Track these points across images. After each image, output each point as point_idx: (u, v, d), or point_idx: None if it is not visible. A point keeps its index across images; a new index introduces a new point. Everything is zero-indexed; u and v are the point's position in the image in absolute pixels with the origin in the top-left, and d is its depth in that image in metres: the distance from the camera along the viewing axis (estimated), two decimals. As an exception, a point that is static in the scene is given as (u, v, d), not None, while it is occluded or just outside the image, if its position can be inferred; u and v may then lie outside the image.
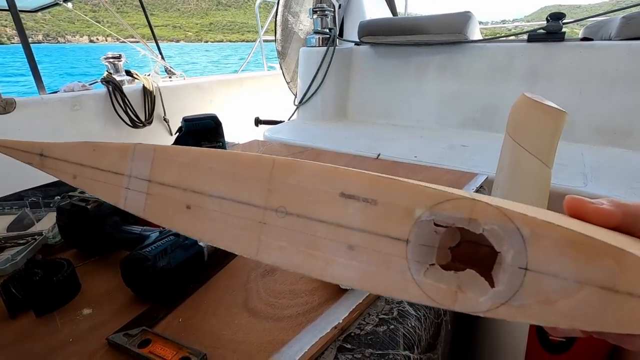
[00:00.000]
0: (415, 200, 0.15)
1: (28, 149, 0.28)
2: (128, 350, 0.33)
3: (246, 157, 0.19)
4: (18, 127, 1.26)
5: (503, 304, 0.14)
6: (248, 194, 0.19)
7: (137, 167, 0.23)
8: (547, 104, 0.40)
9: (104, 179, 0.24)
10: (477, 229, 0.14)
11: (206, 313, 0.38)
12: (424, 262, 0.15)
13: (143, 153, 0.22)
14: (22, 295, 0.39)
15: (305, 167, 0.17)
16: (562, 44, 1.10)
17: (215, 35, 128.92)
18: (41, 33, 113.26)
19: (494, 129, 1.21)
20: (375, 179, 0.16)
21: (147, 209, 0.23)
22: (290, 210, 0.18)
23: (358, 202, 0.16)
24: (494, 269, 0.14)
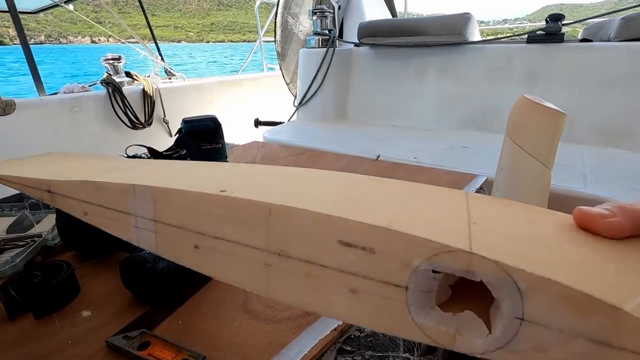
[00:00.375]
0: (413, 252, 0.15)
1: (36, 186, 0.29)
2: (127, 352, 0.33)
3: (242, 202, 0.19)
4: (18, 129, 1.26)
5: (499, 349, 0.14)
6: (250, 238, 0.19)
7: (140, 207, 0.23)
8: (546, 105, 0.40)
9: (113, 216, 0.25)
10: (475, 278, 0.14)
11: (206, 315, 0.38)
12: (423, 306, 0.16)
13: (143, 194, 0.23)
14: (21, 298, 0.39)
15: (301, 215, 0.17)
16: (562, 45, 1.10)
17: (216, 35, 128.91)
18: (43, 34, 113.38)
19: (493, 130, 1.21)
20: (372, 229, 0.16)
21: (159, 247, 0.23)
22: (292, 254, 0.18)
23: (357, 249, 0.16)
24: (491, 313, 0.15)
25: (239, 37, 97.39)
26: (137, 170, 0.29)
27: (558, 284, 0.13)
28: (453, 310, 0.15)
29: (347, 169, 0.81)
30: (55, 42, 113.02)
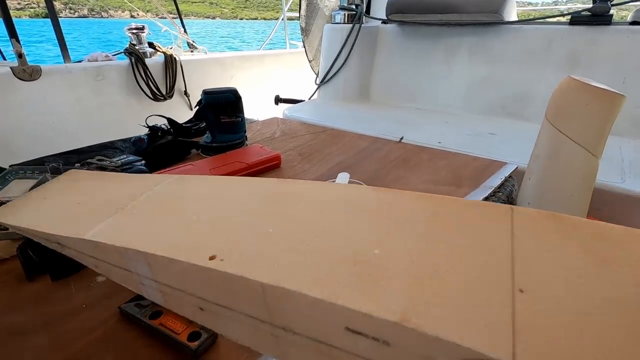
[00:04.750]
0: (435, 352, 0.12)
1: (47, 238, 0.29)
2: (139, 320, 0.33)
3: (232, 277, 0.17)
4: (43, 95, 1.28)
5: None
6: (250, 309, 0.17)
7: (139, 268, 0.22)
8: (599, 86, 0.36)
9: (120, 272, 0.24)
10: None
11: (219, 289, 0.38)
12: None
13: (137, 257, 0.21)
14: (38, 259, 0.39)
15: (298, 299, 0.15)
16: (608, 28, 1.02)
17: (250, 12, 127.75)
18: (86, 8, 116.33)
19: (524, 117, 1.15)
20: (383, 323, 0.13)
21: (167, 304, 0.22)
22: (298, 332, 0.16)
23: (367, 339, 0.14)
24: None
25: (272, 15, 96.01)
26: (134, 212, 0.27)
27: None
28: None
29: (369, 150, 0.79)
30: (97, 15, 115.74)
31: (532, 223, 0.16)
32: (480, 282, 0.14)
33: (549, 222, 0.16)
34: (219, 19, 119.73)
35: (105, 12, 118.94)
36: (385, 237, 0.17)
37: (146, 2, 2.33)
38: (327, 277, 0.15)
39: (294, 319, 0.16)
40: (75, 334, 0.32)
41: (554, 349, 0.11)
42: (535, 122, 0.38)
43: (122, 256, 0.22)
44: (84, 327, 0.33)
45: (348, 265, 0.16)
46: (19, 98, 1.22)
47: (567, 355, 0.11)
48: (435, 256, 0.15)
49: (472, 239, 0.16)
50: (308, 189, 0.23)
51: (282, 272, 0.16)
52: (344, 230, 0.18)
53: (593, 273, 0.13)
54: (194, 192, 0.28)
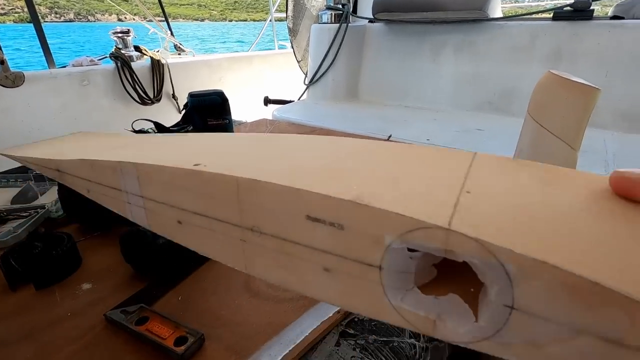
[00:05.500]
0: (383, 227, 0.13)
1: (48, 165, 0.31)
2: (125, 327, 0.32)
3: (211, 177, 0.18)
4: (27, 101, 1.26)
5: (485, 339, 0.12)
6: (223, 213, 0.18)
7: (128, 184, 0.23)
8: (576, 80, 0.36)
9: (109, 193, 0.25)
10: (457, 258, 0.12)
11: (206, 292, 0.37)
12: (401, 287, 0.14)
13: (128, 171, 0.23)
14: (21, 268, 0.39)
15: (267, 189, 0.16)
16: (590, 23, 1.03)
17: (239, 14, 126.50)
18: (72, 12, 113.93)
19: (511, 113, 1.16)
20: (339, 203, 0.14)
21: (149, 222, 0.23)
22: (264, 230, 0.17)
23: (325, 225, 0.15)
24: (479, 299, 0.13)
25: (261, 16, 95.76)
26: (130, 146, 0.30)
27: (555, 268, 0.10)
28: (438, 293, 0.13)
29: (357, 149, 0.79)
30: (84, 20, 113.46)
31: (491, 158, 0.18)
32: (433, 185, 0.15)
33: (507, 160, 0.17)
34: (207, 21, 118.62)
35: (92, 16, 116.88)
36: (359, 163, 0.18)
37: (133, 6, 2.30)
38: (296, 175, 0.16)
39: (262, 214, 0.17)
40: (60, 342, 0.32)
41: (487, 222, 0.12)
42: (522, 117, 0.39)
43: (115, 172, 0.23)
44: (69, 335, 0.33)
45: (317, 171, 0.17)
46: (1, 105, 1.20)
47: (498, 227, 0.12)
48: (397, 171, 0.17)
49: (434, 163, 0.18)
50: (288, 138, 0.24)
51: (257, 171, 0.17)
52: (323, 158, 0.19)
53: (535, 187, 0.15)
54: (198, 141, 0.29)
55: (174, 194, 0.20)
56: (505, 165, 0.17)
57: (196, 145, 0.25)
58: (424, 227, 0.12)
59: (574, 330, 0.11)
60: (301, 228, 0.15)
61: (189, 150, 0.24)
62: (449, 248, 0.12)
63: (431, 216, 0.12)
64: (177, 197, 0.20)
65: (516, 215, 0.13)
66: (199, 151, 0.23)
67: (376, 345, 0.31)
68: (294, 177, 0.16)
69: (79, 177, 0.27)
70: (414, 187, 0.15)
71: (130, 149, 0.28)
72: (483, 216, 0.13)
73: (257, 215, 0.17)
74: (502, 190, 0.14)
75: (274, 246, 0.17)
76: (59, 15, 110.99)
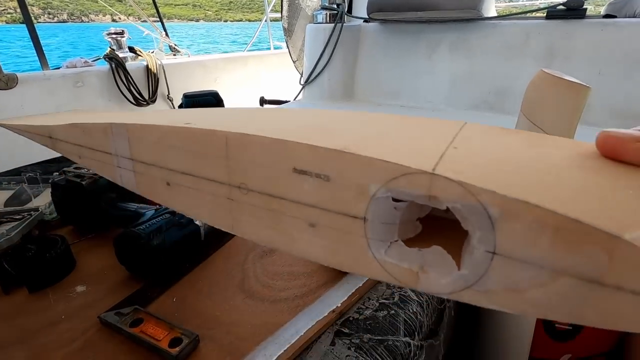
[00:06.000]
0: (368, 176, 0.13)
1: (40, 132, 0.30)
2: (119, 329, 0.32)
3: (201, 133, 0.18)
4: (20, 103, 1.25)
5: (467, 288, 0.12)
6: (211, 171, 0.18)
7: (119, 146, 0.23)
8: (568, 79, 0.37)
9: (100, 158, 0.25)
10: (440, 205, 0.12)
11: (201, 293, 0.37)
12: (385, 239, 0.14)
13: (119, 132, 0.23)
14: (15, 271, 0.38)
15: (256, 142, 0.16)
16: (583, 22, 1.04)
17: (234, 14, 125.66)
18: (66, 12, 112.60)
19: (506, 111, 1.17)
20: (324, 152, 0.14)
21: (138, 186, 0.23)
22: (251, 187, 0.17)
23: (311, 177, 0.15)
24: (463, 248, 0.13)
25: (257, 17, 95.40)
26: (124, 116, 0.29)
27: (537, 207, 0.10)
28: (422, 246, 0.13)
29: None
30: (77, 20, 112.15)
31: (482, 126, 0.18)
32: (421, 141, 0.15)
33: (497, 127, 0.18)
34: (202, 21, 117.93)
35: (86, 17, 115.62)
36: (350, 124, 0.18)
37: (127, 6, 2.29)
38: (285, 131, 0.16)
39: (250, 170, 0.17)
40: (54, 345, 0.32)
41: (471, 168, 0.12)
42: (517, 115, 0.39)
43: (106, 135, 0.23)
44: (63, 338, 0.33)
45: (307, 129, 0.17)
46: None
47: (482, 172, 0.12)
48: (387, 130, 0.17)
49: (425, 126, 0.18)
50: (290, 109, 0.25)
51: (246, 128, 0.17)
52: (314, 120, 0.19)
53: (523, 147, 0.15)
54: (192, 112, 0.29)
55: (164, 154, 0.20)
56: (495, 130, 0.17)
57: (189, 113, 0.26)
58: (408, 173, 0.12)
59: (555, 272, 0.11)
60: (288, 182, 0.15)
61: (182, 115, 0.24)
62: (432, 194, 0.12)
63: (416, 163, 0.12)
64: (167, 157, 0.20)
65: (501, 165, 0.13)
66: (192, 116, 0.23)
67: (371, 344, 0.32)
68: (283, 133, 0.16)
69: (71, 143, 0.27)
70: (402, 141, 0.15)
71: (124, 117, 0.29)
72: (467, 164, 0.13)
73: (244, 171, 0.17)
74: (489, 147, 0.15)
75: (261, 203, 0.17)
76: (52, 15, 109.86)
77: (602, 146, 0.14)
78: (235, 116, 0.22)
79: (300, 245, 0.16)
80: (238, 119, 0.21)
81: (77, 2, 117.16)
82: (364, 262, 0.14)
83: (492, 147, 0.15)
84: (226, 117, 0.23)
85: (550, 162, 0.13)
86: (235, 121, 0.20)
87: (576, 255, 0.10)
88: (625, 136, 0.13)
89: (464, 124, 0.18)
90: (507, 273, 0.11)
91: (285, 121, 0.20)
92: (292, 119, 0.20)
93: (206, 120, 0.20)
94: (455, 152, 0.14)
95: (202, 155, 0.18)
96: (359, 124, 0.18)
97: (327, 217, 0.15)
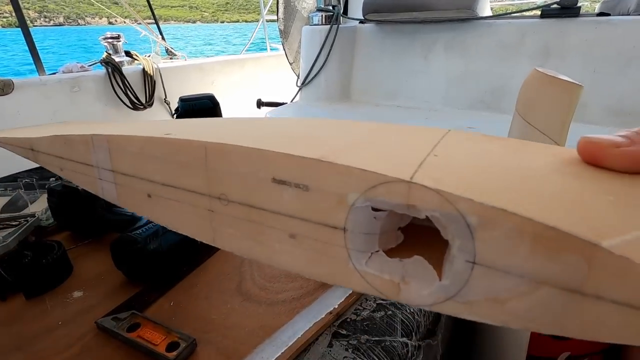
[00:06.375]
0: (346, 185, 0.13)
1: (21, 145, 0.30)
2: (116, 334, 0.32)
3: (179, 143, 0.18)
4: (17, 109, 1.25)
5: (448, 299, 0.12)
6: (191, 182, 0.18)
7: (100, 158, 0.23)
8: (561, 77, 0.37)
9: (81, 170, 0.25)
10: (419, 214, 0.12)
11: (198, 297, 0.37)
12: (365, 250, 0.14)
13: (100, 144, 0.22)
14: (11, 278, 0.38)
15: (234, 152, 0.16)
16: (577, 20, 1.05)
17: (231, 15, 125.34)
18: (62, 15, 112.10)
19: (502, 110, 1.17)
20: (302, 161, 0.14)
21: (120, 198, 0.23)
22: (231, 198, 0.17)
23: (290, 187, 0.15)
24: (444, 258, 0.12)
25: (254, 17, 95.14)
26: (108, 126, 0.29)
27: (514, 215, 0.10)
28: (403, 256, 0.13)
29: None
30: (74, 23, 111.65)
31: (465, 133, 0.18)
32: (401, 149, 0.15)
33: (480, 134, 0.18)
34: (199, 22, 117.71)
35: (82, 20, 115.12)
36: (330, 132, 0.18)
37: (124, 9, 2.29)
38: (264, 140, 0.16)
39: (229, 181, 0.17)
40: (50, 352, 0.32)
41: (449, 176, 0.12)
42: (513, 114, 0.40)
43: (87, 146, 0.23)
44: (60, 344, 0.32)
45: (286, 138, 0.17)
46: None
47: (459, 179, 0.12)
48: (367, 138, 0.17)
49: (407, 134, 0.18)
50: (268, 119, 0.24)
51: (225, 138, 0.17)
52: (294, 129, 0.19)
53: (504, 153, 0.15)
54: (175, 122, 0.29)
55: (144, 165, 0.20)
56: (477, 138, 0.17)
57: (171, 124, 0.26)
58: (386, 182, 0.12)
59: (535, 281, 0.10)
60: (267, 192, 0.15)
61: (163, 126, 0.24)
62: (411, 202, 0.12)
63: (394, 172, 0.12)
64: (147, 168, 0.20)
65: (482, 172, 0.13)
66: (173, 127, 0.23)
67: (368, 345, 0.32)
68: (262, 143, 0.16)
69: (52, 155, 0.27)
70: (382, 149, 0.15)
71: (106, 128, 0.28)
72: (446, 172, 0.12)
73: (224, 182, 0.17)
74: (470, 154, 0.14)
75: (241, 214, 0.17)
76: (48, 19, 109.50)
77: (582, 152, 0.14)
78: (215, 126, 0.22)
79: (281, 256, 0.16)
80: (218, 129, 0.21)
81: (73, 5, 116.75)
82: (345, 273, 0.14)
83: (473, 155, 0.14)
84: (207, 127, 0.22)
85: (531, 169, 0.13)
86: (215, 131, 0.20)
87: (555, 263, 0.10)
88: (605, 142, 0.13)
89: (448, 131, 0.17)
90: (487, 283, 0.11)
91: (266, 130, 0.20)
92: (273, 128, 0.20)
93: (186, 131, 0.20)
94: (435, 160, 0.14)
95: (181, 165, 0.18)
96: (340, 132, 0.18)
97: (307, 228, 0.15)
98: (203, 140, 0.17)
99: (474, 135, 0.17)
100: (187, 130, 0.20)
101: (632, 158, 0.12)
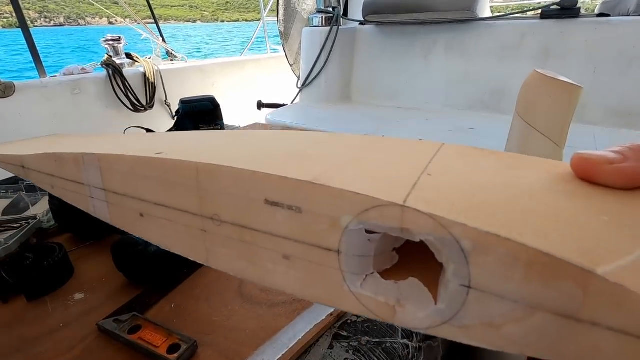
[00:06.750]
0: (340, 208, 0.13)
1: (12, 162, 0.30)
2: (117, 336, 0.32)
3: (171, 163, 0.18)
4: (18, 111, 1.25)
5: (444, 323, 0.12)
6: (184, 202, 0.18)
7: (91, 176, 0.23)
8: (560, 79, 0.37)
9: (72, 188, 0.25)
10: (413, 237, 0.12)
11: (199, 299, 0.37)
12: (360, 272, 0.13)
13: (91, 163, 0.22)
14: (13, 280, 0.38)
15: (226, 173, 0.16)
16: (577, 20, 1.05)
17: (231, 14, 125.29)
18: (62, 16, 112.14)
19: (502, 111, 1.17)
20: (295, 184, 0.14)
21: (112, 217, 0.23)
22: (224, 219, 0.17)
23: (283, 209, 0.14)
24: (440, 280, 0.12)
25: (254, 16, 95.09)
26: (99, 142, 0.29)
27: (508, 240, 0.10)
28: (398, 278, 0.13)
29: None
30: (74, 23, 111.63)
31: (459, 147, 0.17)
32: (395, 169, 0.15)
33: (474, 148, 0.17)
34: (199, 22, 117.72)
35: (82, 20, 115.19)
36: (324, 150, 0.18)
37: (124, 9, 2.29)
38: (256, 160, 0.16)
39: (222, 201, 0.16)
40: (52, 354, 0.32)
41: (443, 199, 0.12)
42: (512, 115, 0.40)
43: (78, 165, 0.23)
44: (62, 346, 0.33)
45: (278, 157, 0.17)
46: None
47: (453, 203, 0.12)
48: (361, 156, 0.17)
49: (402, 151, 0.17)
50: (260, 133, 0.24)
51: (217, 157, 0.17)
52: (287, 146, 0.19)
53: (498, 170, 0.15)
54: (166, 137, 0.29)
55: (136, 185, 0.20)
56: (472, 153, 0.17)
57: (163, 140, 0.25)
58: (380, 205, 0.12)
59: (530, 307, 0.10)
60: (260, 214, 0.15)
61: (154, 143, 0.24)
62: (404, 226, 0.12)
63: (387, 194, 0.12)
64: (139, 188, 0.20)
65: (474, 193, 0.13)
66: (165, 144, 0.23)
67: (369, 347, 0.32)
68: (254, 162, 0.16)
69: (43, 173, 0.27)
70: (375, 169, 0.15)
71: (97, 144, 0.28)
72: (440, 194, 0.12)
73: (216, 202, 0.17)
74: (463, 172, 0.14)
75: (234, 235, 0.16)
76: (48, 19, 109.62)
77: (576, 169, 0.14)
78: (207, 142, 0.22)
79: (275, 277, 0.16)
80: (210, 146, 0.21)
81: (74, 6, 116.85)
82: (340, 295, 0.14)
83: (467, 173, 0.14)
84: (199, 144, 0.22)
85: (525, 187, 0.13)
86: (207, 149, 0.20)
87: (550, 289, 0.10)
88: (598, 158, 0.13)
89: (442, 145, 0.17)
90: (483, 308, 0.11)
91: (258, 147, 0.19)
92: (266, 144, 0.20)
93: (178, 149, 0.20)
94: (429, 180, 0.13)
95: (173, 186, 0.18)
96: (333, 148, 0.18)
97: (301, 250, 0.15)
98: (194, 160, 0.17)
99: (467, 150, 0.17)
100: (179, 149, 0.20)
101: (626, 175, 0.12)
